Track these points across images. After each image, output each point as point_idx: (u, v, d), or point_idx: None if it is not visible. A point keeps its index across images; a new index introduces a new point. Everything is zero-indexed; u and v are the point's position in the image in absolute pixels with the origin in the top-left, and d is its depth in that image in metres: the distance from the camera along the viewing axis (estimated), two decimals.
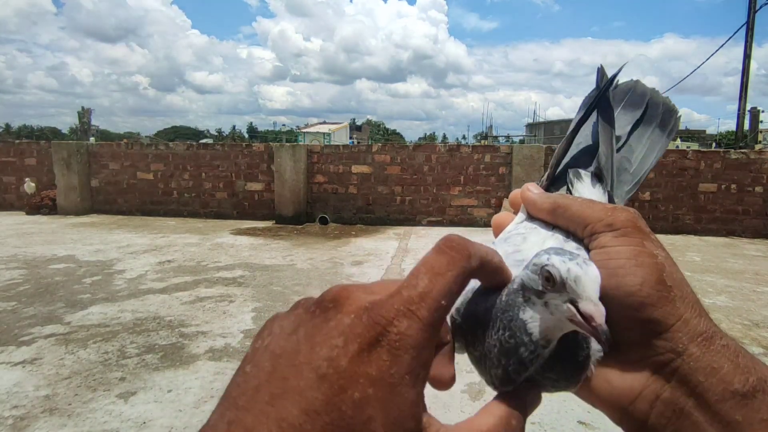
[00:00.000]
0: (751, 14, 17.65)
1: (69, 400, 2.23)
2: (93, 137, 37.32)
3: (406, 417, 0.20)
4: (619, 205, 0.32)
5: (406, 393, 0.21)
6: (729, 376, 0.26)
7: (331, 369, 0.20)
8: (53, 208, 8.37)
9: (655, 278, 0.28)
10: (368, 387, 0.20)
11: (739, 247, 6.39)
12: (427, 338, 0.22)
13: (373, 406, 0.20)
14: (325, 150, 8.20)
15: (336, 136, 50.77)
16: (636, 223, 0.30)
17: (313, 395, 0.20)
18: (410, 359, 0.21)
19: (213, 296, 3.84)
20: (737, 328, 3.29)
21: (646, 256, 0.29)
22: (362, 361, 0.20)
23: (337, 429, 0.19)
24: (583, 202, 0.33)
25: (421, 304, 0.22)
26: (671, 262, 0.30)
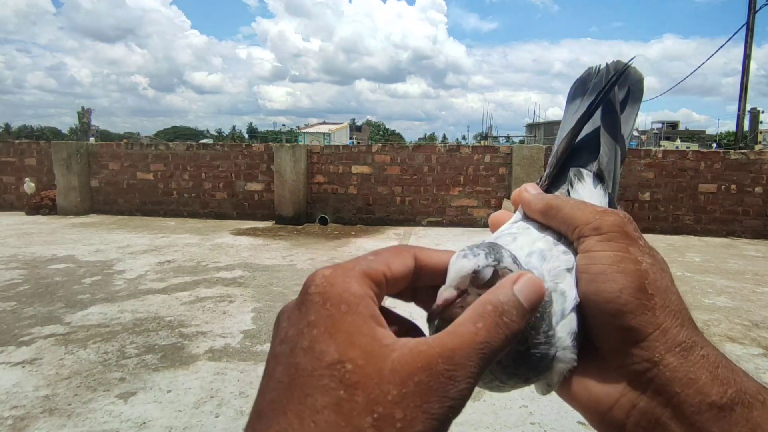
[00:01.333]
0: (751, 14, 17.66)
1: (69, 401, 2.23)
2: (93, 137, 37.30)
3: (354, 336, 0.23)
4: (609, 209, 0.32)
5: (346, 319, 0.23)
6: (706, 387, 0.26)
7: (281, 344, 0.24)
8: (53, 209, 8.37)
9: (636, 285, 0.27)
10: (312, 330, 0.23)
11: (738, 248, 6.39)
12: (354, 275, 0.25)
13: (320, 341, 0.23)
14: (325, 150, 8.20)
15: (336, 136, 50.78)
16: (623, 228, 0.30)
17: (275, 373, 0.23)
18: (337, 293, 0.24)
19: (213, 296, 3.84)
20: (737, 329, 3.29)
21: (629, 263, 0.28)
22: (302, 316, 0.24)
23: (298, 378, 0.22)
24: (574, 205, 0.32)
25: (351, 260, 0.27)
26: (658, 269, 0.29)
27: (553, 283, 0.30)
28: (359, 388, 0.21)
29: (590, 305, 0.29)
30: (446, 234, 6.99)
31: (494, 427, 2.08)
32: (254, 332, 3.10)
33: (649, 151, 7.53)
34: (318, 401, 0.21)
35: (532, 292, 0.26)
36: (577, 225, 0.31)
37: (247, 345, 2.90)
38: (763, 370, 2.68)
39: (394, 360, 0.22)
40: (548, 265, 0.31)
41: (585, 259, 0.30)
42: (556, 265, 0.31)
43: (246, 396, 2.29)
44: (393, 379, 0.22)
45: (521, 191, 0.36)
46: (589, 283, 0.29)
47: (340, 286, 0.24)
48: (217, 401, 2.24)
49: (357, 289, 0.24)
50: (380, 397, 0.21)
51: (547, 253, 0.32)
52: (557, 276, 0.30)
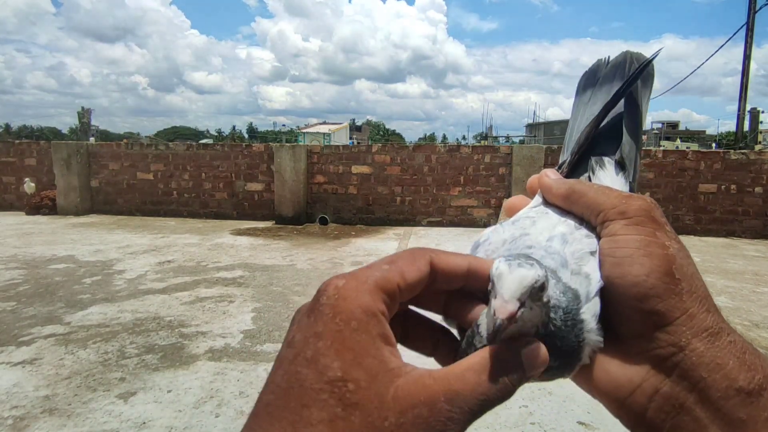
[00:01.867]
0: (751, 15, 17.67)
1: (69, 401, 2.23)
2: (93, 137, 37.30)
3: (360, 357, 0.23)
4: (635, 194, 0.31)
5: (354, 338, 0.23)
6: (734, 372, 0.26)
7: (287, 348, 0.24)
8: (53, 209, 8.37)
9: (663, 269, 0.27)
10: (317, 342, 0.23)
11: (738, 248, 6.39)
12: (367, 288, 0.24)
13: (325, 355, 0.23)
14: (325, 150, 8.20)
15: (336, 136, 50.79)
16: (650, 213, 0.29)
17: (275, 376, 0.23)
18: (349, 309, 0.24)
19: (213, 296, 3.84)
20: (737, 329, 3.27)
21: (657, 247, 0.28)
22: (310, 325, 0.24)
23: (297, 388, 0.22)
24: (599, 189, 0.32)
25: (364, 268, 0.26)
26: (684, 255, 0.29)
27: (576, 266, 0.29)
28: (358, 409, 0.21)
29: (615, 289, 0.28)
30: (446, 234, 6.99)
31: (494, 427, 2.08)
32: (254, 332, 3.10)
33: (649, 151, 7.53)
34: (314, 415, 0.21)
35: (536, 360, 0.25)
36: (601, 209, 0.31)
37: (247, 345, 2.90)
38: None
39: (397, 387, 0.22)
40: (571, 248, 0.31)
41: (610, 243, 0.29)
42: (579, 248, 0.30)
43: (246, 396, 2.29)
44: (393, 406, 0.22)
45: (542, 176, 0.36)
46: (614, 266, 0.29)
47: (353, 301, 0.23)
48: (217, 401, 2.24)
49: (369, 305, 0.24)
50: (377, 421, 0.21)
51: (569, 236, 0.31)
52: (581, 259, 0.30)
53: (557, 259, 0.30)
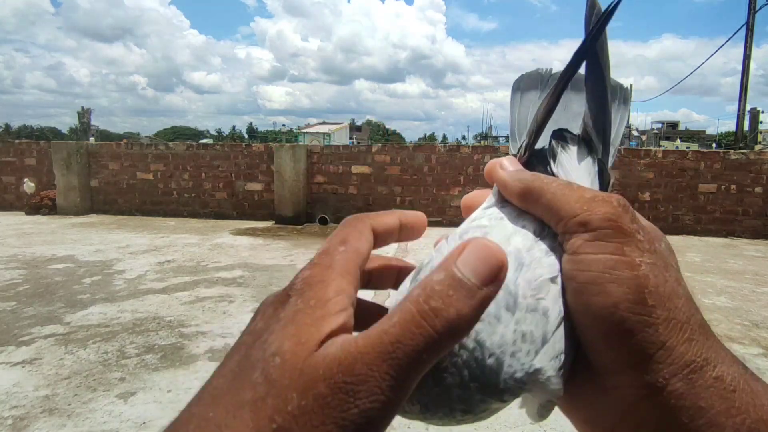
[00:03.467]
0: (751, 15, 17.67)
1: (68, 401, 2.23)
2: (93, 137, 37.31)
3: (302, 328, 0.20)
4: (600, 194, 0.25)
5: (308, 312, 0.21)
6: (720, 418, 0.22)
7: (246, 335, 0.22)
8: (53, 209, 8.37)
9: (633, 298, 0.23)
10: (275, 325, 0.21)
11: (738, 248, 6.40)
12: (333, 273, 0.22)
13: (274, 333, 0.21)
14: (325, 150, 8.21)
15: (336, 136, 50.82)
16: (617, 221, 0.24)
17: (230, 362, 0.22)
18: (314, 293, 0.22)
19: (213, 296, 3.84)
20: (737, 329, 3.29)
21: (625, 268, 0.23)
22: (274, 314, 0.22)
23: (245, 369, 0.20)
24: (558, 188, 0.26)
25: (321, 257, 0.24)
26: (660, 269, 0.24)
27: (533, 300, 0.23)
28: (274, 387, 0.19)
29: (579, 321, 0.24)
30: (446, 234, 6.96)
31: (494, 427, 2.08)
32: None
33: (649, 151, 7.54)
34: (244, 396, 0.19)
35: (482, 260, 0.21)
36: (561, 217, 0.25)
37: None
38: (763, 370, 2.68)
39: (309, 360, 0.19)
40: (526, 275, 0.24)
41: (571, 264, 0.24)
42: (537, 274, 0.24)
43: None
44: (298, 384, 0.18)
45: (495, 167, 0.30)
46: (576, 294, 0.24)
47: (318, 287, 0.21)
48: None
49: (337, 286, 0.22)
50: (282, 404, 0.18)
51: (526, 254, 0.25)
52: (538, 290, 0.24)
53: (501, 298, 0.23)
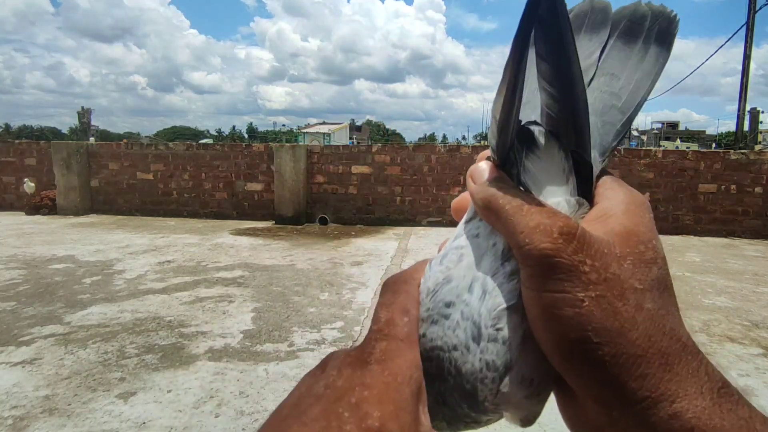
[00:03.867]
0: (751, 15, 17.67)
1: (68, 401, 2.23)
2: (93, 137, 37.31)
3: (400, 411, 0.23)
4: (543, 223, 0.23)
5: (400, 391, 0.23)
6: None
7: (327, 389, 0.24)
8: (53, 209, 8.37)
9: (575, 336, 0.21)
10: (364, 391, 0.23)
11: (738, 248, 6.40)
12: (406, 346, 0.25)
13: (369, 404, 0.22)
14: (325, 150, 8.21)
15: (336, 136, 50.82)
16: (555, 256, 0.22)
17: (311, 410, 0.23)
18: (396, 366, 0.24)
19: (213, 296, 3.84)
20: (737, 329, 3.29)
21: (565, 305, 0.22)
22: (356, 376, 0.24)
23: (336, 428, 0.22)
24: (510, 211, 0.24)
25: (390, 327, 0.26)
26: (609, 302, 0.22)
27: (493, 330, 0.24)
28: None
29: (542, 347, 0.24)
30: (446, 234, 6.88)
31: (494, 426, 2.07)
32: (254, 332, 3.10)
33: (648, 151, 7.53)
34: None
35: None
36: (512, 245, 0.24)
37: (247, 345, 2.90)
38: (763, 370, 2.68)
39: None
40: (488, 303, 0.24)
41: (524, 296, 0.24)
42: (497, 303, 0.24)
43: (246, 396, 2.29)
44: None
45: (471, 173, 0.28)
46: (532, 324, 0.23)
47: (399, 360, 0.25)
48: (217, 401, 2.24)
49: (414, 361, 0.25)
50: None
51: (489, 281, 0.25)
52: (498, 319, 0.24)
53: (468, 329, 0.24)
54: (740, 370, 2.67)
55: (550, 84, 0.24)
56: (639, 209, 0.26)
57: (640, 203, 0.26)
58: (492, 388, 0.24)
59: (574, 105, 0.25)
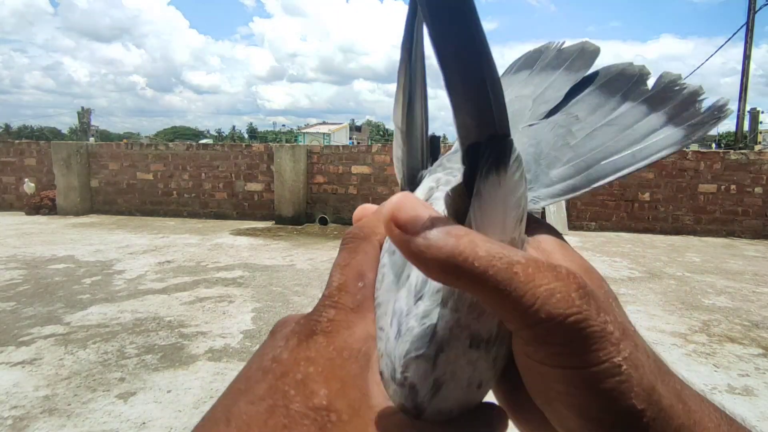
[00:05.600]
0: (751, 15, 17.67)
1: (68, 401, 2.23)
2: (93, 137, 37.34)
3: (347, 387, 0.22)
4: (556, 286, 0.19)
5: (345, 367, 0.22)
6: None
7: (273, 363, 0.23)
8: (53, 209, 8.37)
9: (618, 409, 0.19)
10: (309, 366, 0.22)
11: (738, 248, 6.40)
12: (356, 317, 0.24)
13: (315, 381, 0.22)
14: (325, 150, 8.21)
15: (336, 136, 50.84)
16: (586, 328, 0.19)
17: (258, 387, 0.22)
18: (342, 339, 0.23)
19: (212, 297, 3.84)
20: (737, 329, 3.29)
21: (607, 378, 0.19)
22: (302, 349, 0.23)
23: (282, 407, 0.21)
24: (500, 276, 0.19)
25: (341, 294, 0.24)
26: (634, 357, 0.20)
27: (401, 376, 0.22)
28: None
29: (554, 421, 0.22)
30: None
31: None
32: (254, 332, 3.10)
33: None
34: None
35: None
36: (508, 315, 0.20)
37: (247, 345, 2.90)
38: (763, 370, 2.68)
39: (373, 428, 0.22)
40: (399, 348, 0.22)
41: (540, 376, 0.22)
42: (405, 350, 0.22)
43: None
44: None
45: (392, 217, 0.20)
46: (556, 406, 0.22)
47: (345, 332, 0.23)
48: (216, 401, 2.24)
49: (362, 333, 0.23)
50: None
51: (404, 320, 0.22)
52: (406, 367, 0.22)
53: (389, 365, 0.23)
54: (740, 370, 2.67)
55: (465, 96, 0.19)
56: (566, 244, 0.24)
57: (561, 236, 0.25)
58: None
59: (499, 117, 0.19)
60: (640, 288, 4.24)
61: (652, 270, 4.85)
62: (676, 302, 3.86)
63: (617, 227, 7.46)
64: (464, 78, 0.18)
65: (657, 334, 3.17)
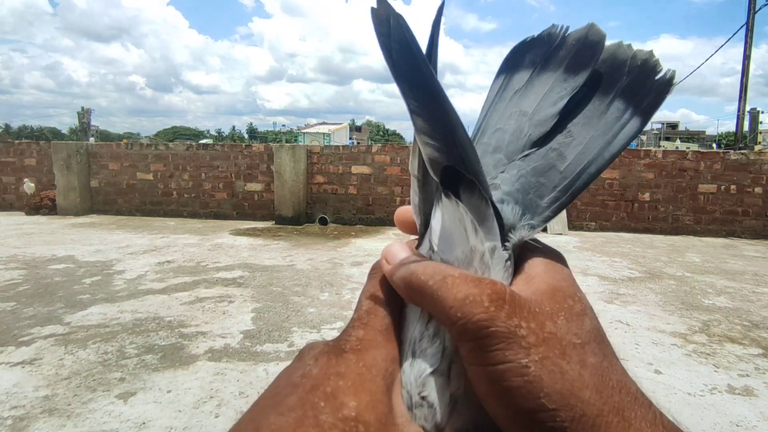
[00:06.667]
0: (751, 15, 17.66)
1: (68, 401, 2.23)
2: (93, 137, 37.32)
3: (376, 402, 0.23)
4: (472, 292, 0.22)
5: (375, 382, 0.24)
6: None
7: (303, 378, 0.24)
8: (53, 209, 8.37)
9: (530, 406, 0.21)
10: (339, 380, 0.23)
11: (738, 248, 6.39)
12: (384, 338, 0.26)
13: (345, 393, 0.23)
14: (325, 150, 8.20)
15: (336, 136, 50.81)
16: (490, 327, 0.21)
17: (287, 400, 0.23)
18: (371, 357, 0.24)
19: (212, 297, 3.83)
20: (737, 329, 3.29)
21: (512, 376, 0.21)
22: (331, 365, 0.24)
23: (312, 417, 0.22)
24: (435, 289, 0.23)
25: (370, 317, 0.26)
26: (553, 362, 0.21)
27: (419, 398, 0.24)
28: None
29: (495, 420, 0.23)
30: None
31: None
32: (254, 332, 3.09)
33: (648, 151, 7.53)
34: None
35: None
36: (444, 323, 0.24)
37: (247, 345, 2.90)
38: (763, 370, 2.68)
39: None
40: (415, 369, 0.25)
41: (469, 373, 0.23)
42: (421, 369, 0.24)
43: (246, 396, 2.29)
44: None
45: (382, 259, 0.29)
46: (482, 400, 0.23)
47: (375, 351, 0.25)
48: (216, 401, 2.24)
49: (390, 354, 0.25)
50: None
51: (417, 346, 0.25)
52: (423, 386, 0.24)
53: (405, 397, 0.24)
54: (740, 370, 2.66)
55: (430, 137, 0.23)
56: (557, 266, 0.26)
57: (557, 259, 0.27)
58: None
59: (463, 153, 0.23)
60: (640, 288, 4.24)
61: (652, 270, 4.85)
62: (676, 302, 3.86)
63: (617, 227, 7.46)
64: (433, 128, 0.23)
65: (657, 334, 3.17)
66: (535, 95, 0.30)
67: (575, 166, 0.28)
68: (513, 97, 0.31)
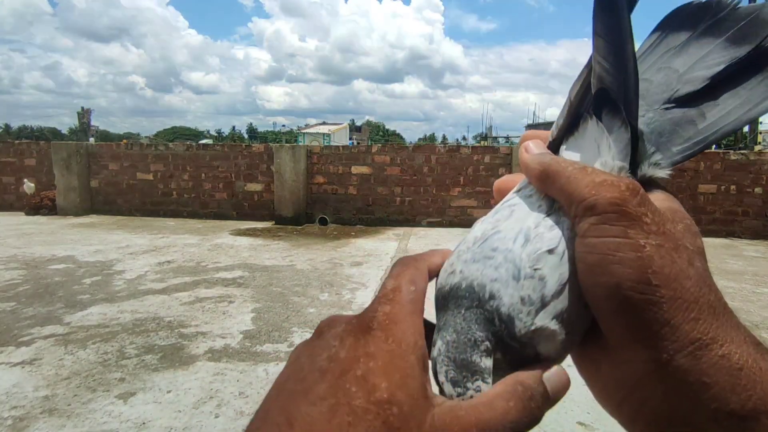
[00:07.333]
0: None
1: (68, 401, 2.23)
2: (92, 138, 37.29)
3: (408, 378, 0.23)
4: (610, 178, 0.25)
5: (405, 358, 0.24)
6: (724, 394, 0.22)
7: (331, 363, 0.24)
8: (53, 209, 8.36)
9: (636, 277, 0.23)
10: (369, 362, 0.23)
11: (738, 248, 6.40)
12: (410, 312, 0.26)
13: (376, 375, 0.23)
14: (325, 151, 8.21)
15: (335, 136, 50.81)
16: (622, 206, 0.24)
17: (317, 387, 0.23)
18: (401, 331, 0.24)
19: (212, 297, 3.83)
20: None
21: (629, 249, 0.24)
22: (360, 345, 0.24)
23: (345, 405, 0.22)
24: (572, 172, 0.27)
25: (396, 293, 0.26)
26: (668, 250, 0.24)
27: (531, 270, 0.26)
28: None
29: (590, 298, 0.25)
30: (446, 235, 6.98)
31: None
32: (254, 333, 3.09)
33: None
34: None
35: (559, 384, 0.26)
36: (572, 202, 0.26)
37: (247, 345, 2.90)
38: None
39: (434, 415, 0.23)
40: (528, 248, 0.27)
41: (580, 246, 0.25)
42: (537, 247, 0.26)
43: (245, 396, 2.29)
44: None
45: (521, 150, 0.31)
46: (585, 274, 0.25)
47: (403, 324, 0.25)
48: (216, 401, 2.24)
49: (418, 327, 0.25)
50: None
51: (533, 231, 0.27)
52: (537, 261, 0.26)
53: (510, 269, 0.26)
54: None
55: (605, 59, 0.27)
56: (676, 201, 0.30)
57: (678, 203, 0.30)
58: (527, 321, 0.25)
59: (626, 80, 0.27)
60: None
61: None
62: None
63: None
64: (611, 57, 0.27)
65: None
66: (690, 56, 0.31)
67: (713, 127, 0.30)
68: (665, 54, 0.32)
